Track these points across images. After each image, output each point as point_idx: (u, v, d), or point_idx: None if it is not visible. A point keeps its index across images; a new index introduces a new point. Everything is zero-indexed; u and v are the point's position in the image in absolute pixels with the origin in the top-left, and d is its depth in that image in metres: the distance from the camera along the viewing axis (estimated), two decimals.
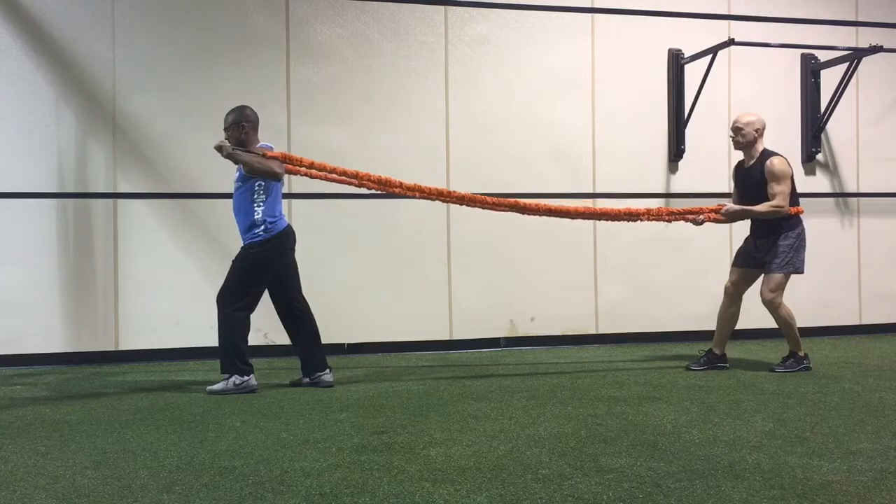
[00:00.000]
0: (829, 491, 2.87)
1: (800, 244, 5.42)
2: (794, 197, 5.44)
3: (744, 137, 5.48)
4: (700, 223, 5.68)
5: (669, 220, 5.74)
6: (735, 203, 5.61)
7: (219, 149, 4.85)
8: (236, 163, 4.91)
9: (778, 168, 5.35)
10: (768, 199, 5.36)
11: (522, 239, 6.92)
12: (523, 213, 5.61)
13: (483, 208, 5.50)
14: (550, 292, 7.02)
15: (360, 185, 5.20)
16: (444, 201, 5.54)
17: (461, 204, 5.50)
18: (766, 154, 5.44)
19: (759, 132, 5.48)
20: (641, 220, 5.66)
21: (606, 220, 5.75)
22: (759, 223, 5.50)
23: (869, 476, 3.04)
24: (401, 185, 5.19)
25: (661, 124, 7.26)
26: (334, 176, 5.17)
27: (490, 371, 5.78)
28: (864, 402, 4.47)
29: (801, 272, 5.47)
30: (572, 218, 5.70)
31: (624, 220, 5.68)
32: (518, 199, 5.53)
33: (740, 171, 5.63)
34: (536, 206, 5.52)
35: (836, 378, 5.24)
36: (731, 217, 5.56)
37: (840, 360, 6.04)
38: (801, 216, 5.47)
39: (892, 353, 6.48)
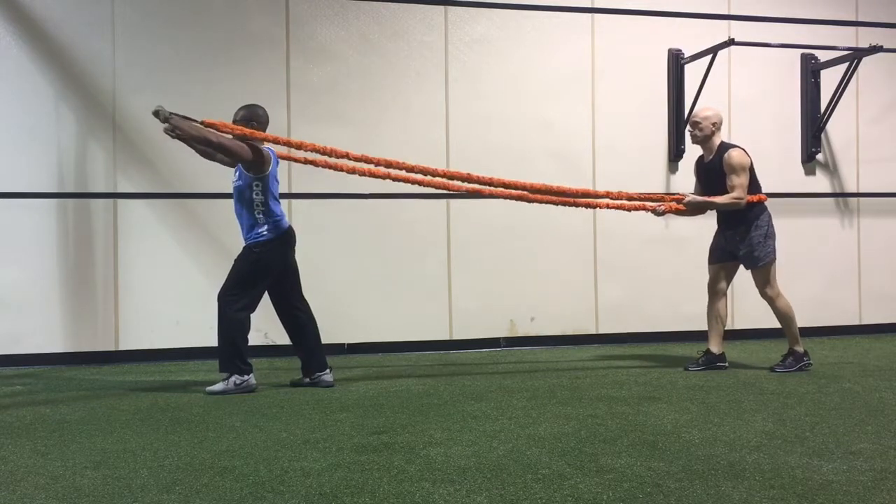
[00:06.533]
0: (829, 491, 2.86)
1: (770, 231, 5.50)
2: (756, 186, 5.52)
3: (701, 131, 5.55)
4: (661, 213, 5.70)
5: (630, 209, 5.74)
6: None
7: (156, 113, 4.71)
8: (181, 134, 4.77)
9: (736, 160, 5.41)
10: (728, 192, 5.42)
11: (522, 239, 6.93)
12: (483, 192, 5.48)
13: (434, 186, 5.40)
14: (550, 292, 7.02)
15: (340, 167, 5.19)
16: (391, 179, 5.31)
17: (409, 181, 5.34)
18: (724, 147, 5.52)
19: (717, 126, 5.55)
20: (601, 206, 5.67)
21: (566, 202, 5.60)
22: (726, 216, 5.57)
23: (869, 476, 3.04)
24: (354, 156, 5.16)
25: (661, 124, 7.26)
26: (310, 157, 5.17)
27: (490, 371, 5.78)
28: (864, 402, 4.47)
29: (775, 258, 5.52)
30: (530, 200, 5.56)
31: (583, 204, 5.66)
32: (472, 173, 5.39)
33: (700, 166, 5.71)
34: (490, 180, 5.40)
35: (836, 378, 5.24)
36: (692, 208, 5.60)
37: (840, 360, 6.04)
38: (766, 204, 5.52)
39: (892, 353, 6.48)
